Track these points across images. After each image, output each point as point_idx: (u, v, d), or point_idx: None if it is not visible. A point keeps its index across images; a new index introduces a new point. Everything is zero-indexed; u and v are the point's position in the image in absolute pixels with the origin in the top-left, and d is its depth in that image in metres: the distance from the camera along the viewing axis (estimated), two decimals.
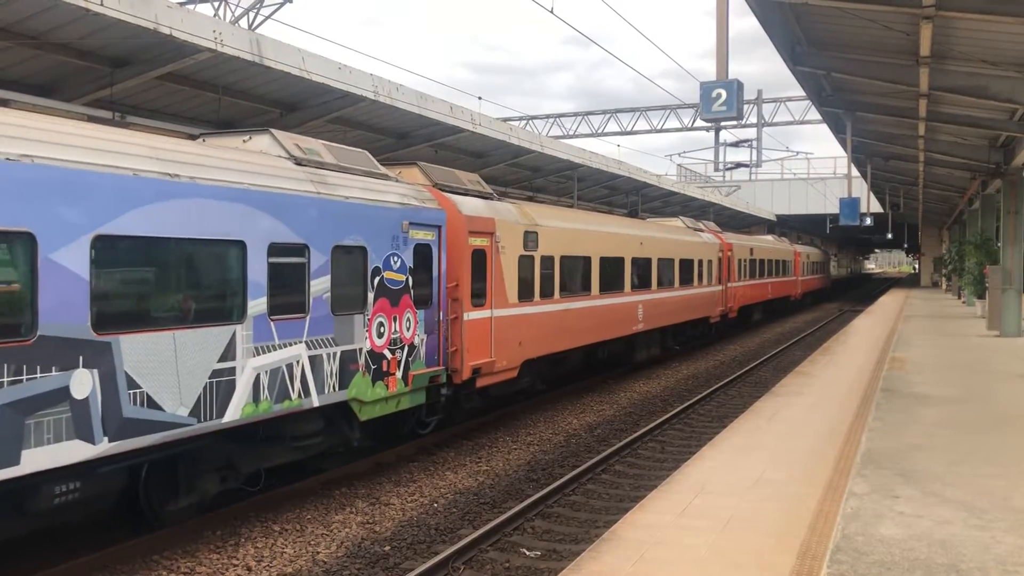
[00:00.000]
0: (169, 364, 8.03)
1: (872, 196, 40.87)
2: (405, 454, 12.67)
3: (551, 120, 50.68)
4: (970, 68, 14.44)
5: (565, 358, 17.63)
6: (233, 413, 8.75)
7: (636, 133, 48.90)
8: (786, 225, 64.71)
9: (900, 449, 9.11)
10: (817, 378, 15.58)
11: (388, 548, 8.98)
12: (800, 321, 42.77)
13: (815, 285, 55.58)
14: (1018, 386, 13.57)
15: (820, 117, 22.16)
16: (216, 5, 22.31)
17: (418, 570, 7.96)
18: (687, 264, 25.17)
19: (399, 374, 11.48)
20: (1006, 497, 7.24)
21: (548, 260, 15.94)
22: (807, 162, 69.92)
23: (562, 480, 11.06)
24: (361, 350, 10.72)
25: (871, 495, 7.32)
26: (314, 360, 9.87)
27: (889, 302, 42.93)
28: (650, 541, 6.74)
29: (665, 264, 23.07)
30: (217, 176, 8.73)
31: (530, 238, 15.18)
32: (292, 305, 9.62)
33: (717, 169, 29.73)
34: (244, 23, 22.37)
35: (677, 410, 16.22)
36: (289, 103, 16.34)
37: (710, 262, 27.81)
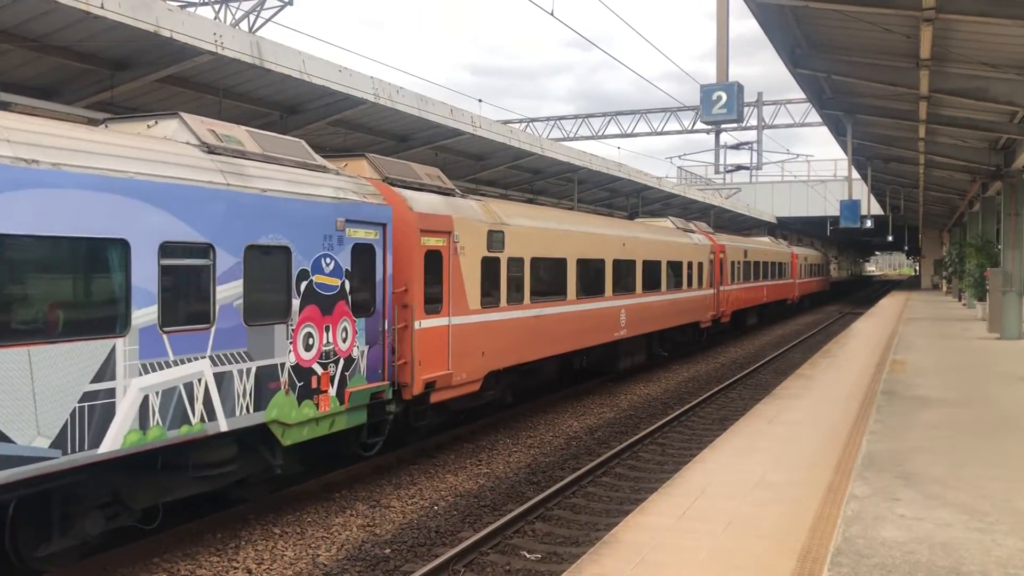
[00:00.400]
0: (20, 387, 6.73)
1: (872, 198, 40.88)
2: (405, 457, 12.66)
3: (551, 122, 50.73)
4: (970, 70, 14.44)
5: (538, 368, 16.44)
6: (112, 442, 7.42)
7: (636, 135, 48.96)
8: (787, 227, 64.71)
9: (901, 452, 9.10)
10: (818, 381, 15.57)
11: (388, 551, 8.98)
12: (800, 324, 42.76)
13: (813, 288, 54.68)
14: (1019, 389, 13.55)
15: (820, 119, 22.18)
16: (217, 8, 22.35)
17: (418, 573, 7.95)
18: (675, 266, 24.00)
19: (332, 391, 10.13)
20: (1007, 499, 7.23)
21: (517, 262, 14.70)
22: (807, 164, 69.59)
23: (562, 483, 11.05)
24: (283, 365, 9.39)
25: (872, 498, 7.31)
26: (221, 378, 8.57)
27: (889, 304, 42.92)
28: (650, 544, 6.73)
29: (651, 266, 21.86)
30: (92, 163, 7.46)
31: (495, 238, 13.91)
32: (192, 315, 8.34)
33: (717, 171, 29.83)
34: (244, 26, 22.40)
35: (677, 413, 16.21)
36: (289, 105, 16.35)
37: (700, 264, 26.71)
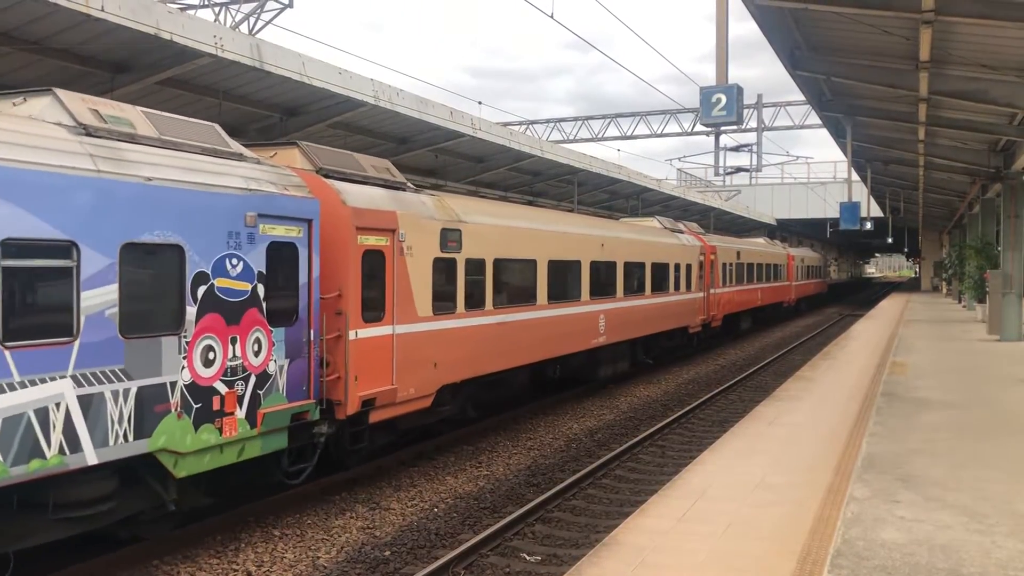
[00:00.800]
0: None
1: (872, 200, 40.88)
2: (405, 459, 12.65)
3: (551, 124, 50.75)
4: (970, 72, 14.46)
5: (505, 379, 15.12)
6: None
7: (636, 138, 48.98)
8: (787, 229, 64.77)
9: (901, 453, 9.11)
10: (818, 382, 15.57)
11: (388, 553, 8.97)
12: (800, 326, 42.77)
13: (811, 290, 53.50)
14: (1019, 391, 13.56)
15: (820, 121, 22.20)
16: (217, 10, 22.37)
17: (418, 575, 7.95)
18: (661, 268, 22.77)
19: (241, 413, 8.81)
20: (1007, 501, 7.23)
21: (476, 264, 13.36)
22: (807, 166, 69.78)
23: (563, 485, 11.05)
24: (174, 384, 8.06)
25: (872, 499, 7.31)
26: (88, 401, 7.28)
27: (889, 306, 42.93)
28: (650, 546, 6.73)
29: (634, 268, 20.60)
30: None
31: (450, 237, 12.62)
32: (47, 326, 7.07)
33: (717, 174, 29.76)
34: (244, 28, 22.42)
35: (678, 415, 16.21)
36: (290, 108, 16.38)
37: (689, 266, 25.50)
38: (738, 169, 44.88)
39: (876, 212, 44.50)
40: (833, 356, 20.03)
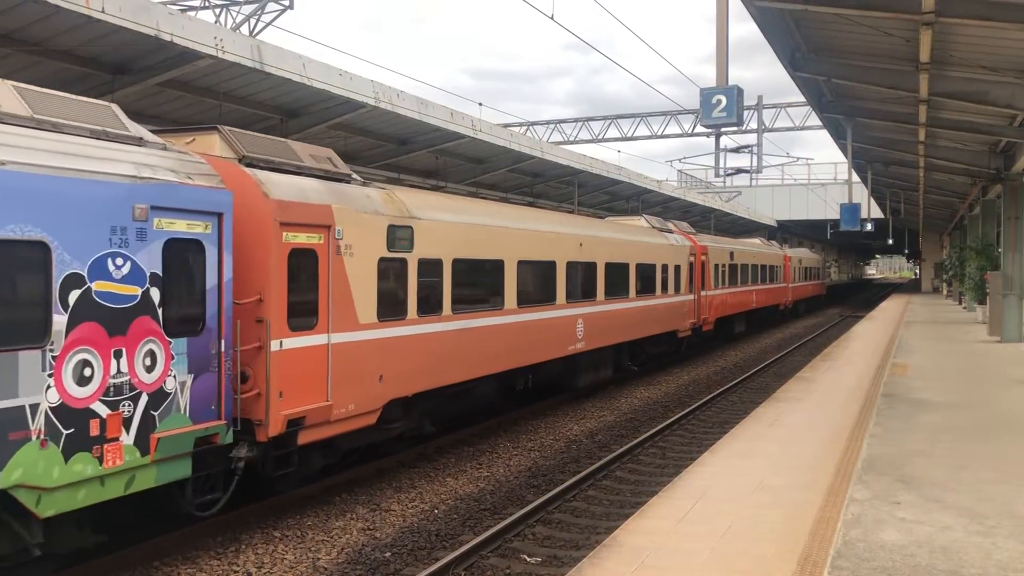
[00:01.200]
0: None
1: (873, 201, 40.90)
2: (405, 460, 12.66)
3: (552, 126, 50.77)
4: (970, 74, 14.47)
5: (468, 390, 13.93)
6: None
7: (637, 139, 48.99)
8: (787, 231, 64.81)
9: (901, 455, 9.11)
10: (818, 384, 15.57)
11: (389, 554, 8.98)
12: (801, 327, 42.77)
13: (808, 292, 51.85)
14: (1019, 392, 13.56)
15: (820, 123, 22.20)
16: (217, 12, 22.39)
17: None
18: (647, 270, 21.54)
19: (128, 438, 7.60)
20: (1007, 503, 7.23)
21: (432, 265, 12.21)
22: (808, 168, 69.68)
23: (563, 486, 11.05)
24: (35, 407, 6.83)
25: (872, 501, 7.32)
26: None
27: (890, 308, 42.93)
28: (651, 547, 6.73)
29: (616, 270, 19.40)
30: None
31: (400, 235, 11.48)
32: None
33: (718, 175, 29.69)
34: (245, 29, 22.44)
35: (678, 416, 16.21)
36: (290, 109, 16.39)
37: (678, 267, 24.29)
38: (738, 170, 44.91)
39: (876, 213, 44.54)
40: (833, 357, 20.03)
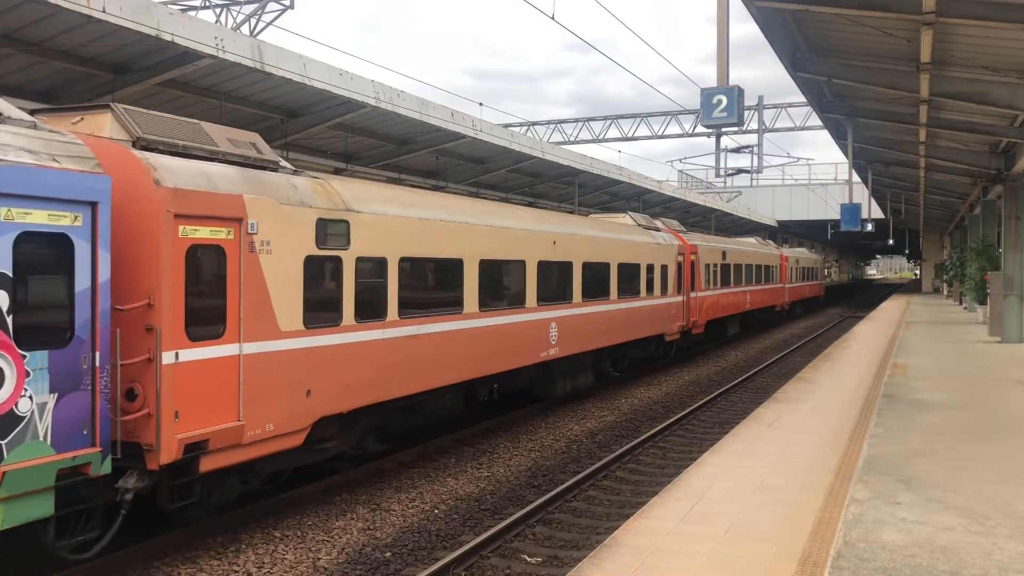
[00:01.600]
0: None
1: (873, 202, 40.89)
2: (406, 460, 12.65)
3: (552, 126, 50.79)
4: (971, 74, 14.47)
5: (422, 403, 12.66)
6: None
7: (637, 139, 49.02)
8: (787, 231, 64.82)
9: (901, 455, 9.11)
10: (818, 384, 15.57)
11: (389, 554, 8.98)
12: (801, 327, 42.77)
13: (807, 293, 50.50)
14: (1020, 392, 13.56)
15: (821, 123, 22.20)
16: (218, 12, 22.40)
17: None
18: (630, 270, 20.25)
19: None
20: (1008, 503, 7.23)
21: (374, 264, 10.99)
22: (808, 168, 69.72)
23: (563, 486, 11.04)
24: None
25: (872, 501, 7.32)
26: None
27: (890, 308, 42.93)
28: (651, 548, 6.73)
29: (595, 270, 18.17)
30: None
31: (333, 230, 10.25)
32: None
33: (718, 175, 29.64)
34: (245, 29, 22.44)
35: (678, 416, 16.20)
36: (291, 109, 16.40)
37: (665, 267, 22.96)
38: (739, 170, 44.99)
39: (877, 214, 44.54)
40: (834, 358, 20.03)
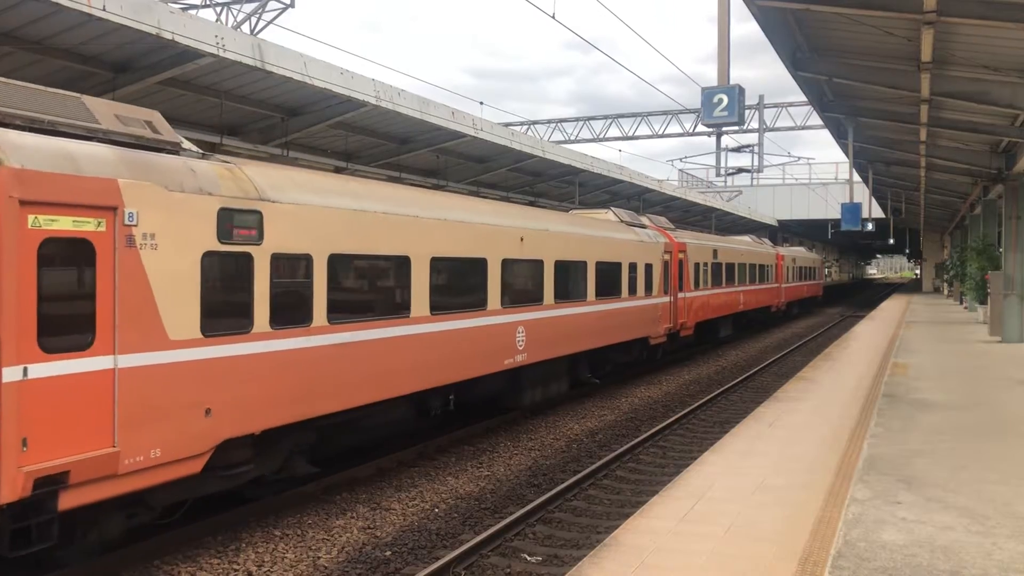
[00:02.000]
0: None
1: (874, 201, 40.88)
2: (406, 459, 12.65)
3: (552, 125, 50.79)
4: (971, 73, 14.46)
5: (362, 419, 11.34)
6: None
7: (638, 138, 49.03)
8: (788, 230, 64.82)
9: (902, 455, 9.11)
10: (819, 384, 15.57)
11: (389, 553, 8.98)
12: (801, 327, 42.76)
13: (804, 293, 49.12)
14: (1020, 392, 13.55)
15: (822, 122, 22.20)
16: (218, 10, 22.38)
17: (419, 575, 7.96)
18: (610, 269, 18.85)
19: None
20: (1008, 503, 7.23)
21: (295, 262, 9.56)
22: (809, 167, 69.67)
23: (563, 485, 11.04)
24: None
25: (873, 501, 7.32)
26: None
27: (891, 308, 42.92)
28: (651, 547, 6.73)
29: (569, 268, 16.78)
30: None
31: (241, 222, 8.84)
32: None
33: (719, 174, 29.54)
34: (246, 28, 22.43)
35: (678, 415, 16.20)
36: (291, 108, 16.39)
37: (649, 266, 21.47)
38: (739, 170, 44.95)
39: (877, 213, 44.54)
40: (834, 357, 20.03)
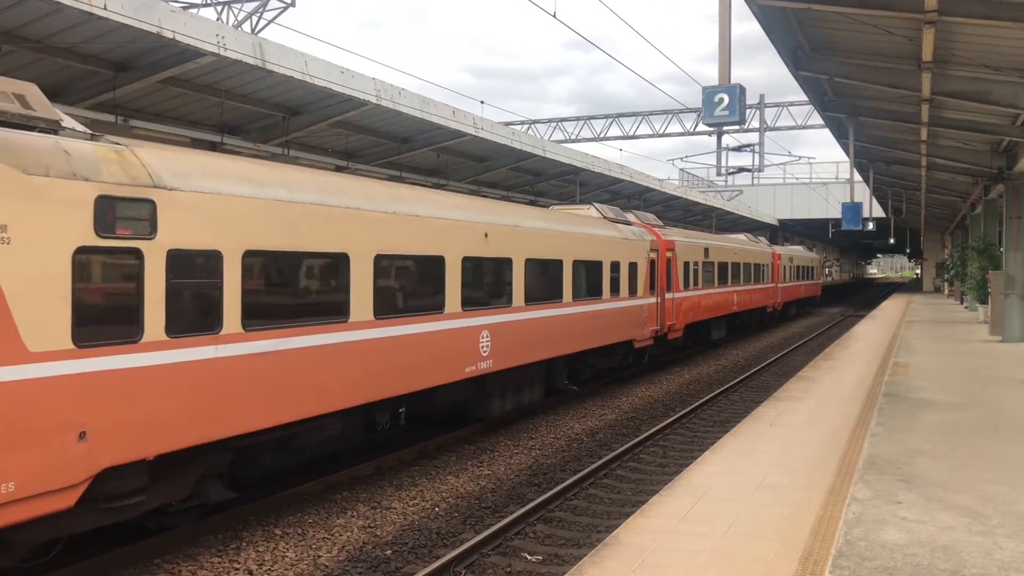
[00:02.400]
0: None
1: (874, 201, 40.88)
2: (406, 458, 12.66)
3: (553, 124, 50.80)
4: (972, 73, 14.45)
5: (295, 436, 9.97)
6: None
7: (638, 137, 49.04)
8: (788, 230, 64.80)
9: (902, 454, 9.10)
10: (819, 383, 15.56)
11: (390, 552, 8.98)
12: (802, 326, 42.76)
13: (802, 293, 47.62)
14: (1020, 392, 13.55)
15: (822, 122, 22.18)
16: (219, 9, 22.37)
17: (419, 574, 7.95)
18: (589, 268, 17.67)
19: None
20: (1008, 502, 7.23)
21: (199, 260, 8.26)
22: (809, 167, 69.78)
23: (564, 484, 11.04)
24: None
25: (873, 500, 7.31)
26: None
27: (891, 307, 42.91)
28: (651, 546, 6.73)
29: (542, 267, 15.55)
30: None
31: (126, 213, 7.52)
32: None
33: (719, 174, 29.57)
34: (247, 27, 22.42)
35: (679, 415, 16.20)
36: (292, 107, 16.39)
37: (634, 265, 20.27)
38: (740, 169, 44.95)
39: (878, 212, 44.54)
40: (835, 357, 20.02)
